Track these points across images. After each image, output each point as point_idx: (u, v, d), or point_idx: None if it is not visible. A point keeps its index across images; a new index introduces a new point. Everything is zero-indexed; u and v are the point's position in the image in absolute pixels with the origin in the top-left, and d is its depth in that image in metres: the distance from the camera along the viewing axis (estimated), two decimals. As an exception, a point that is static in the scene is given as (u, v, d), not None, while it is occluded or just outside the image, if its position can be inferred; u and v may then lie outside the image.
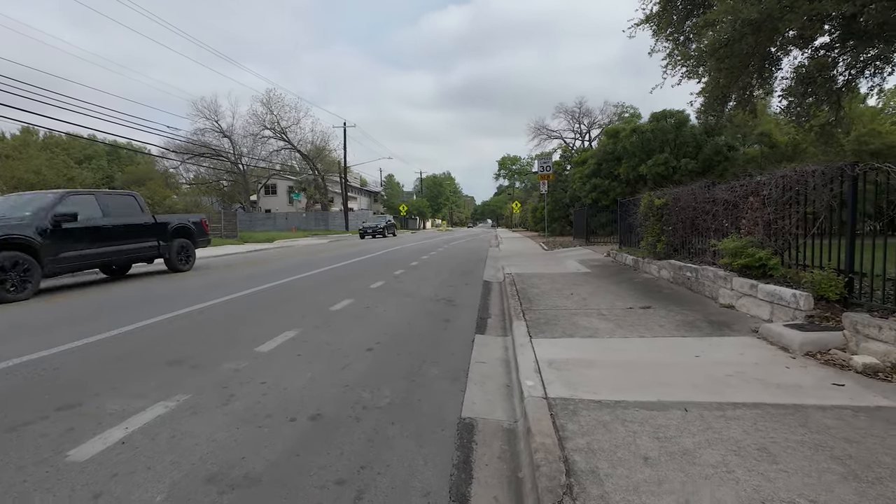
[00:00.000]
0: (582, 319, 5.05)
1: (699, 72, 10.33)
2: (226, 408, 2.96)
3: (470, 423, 2.85)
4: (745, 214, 5.67)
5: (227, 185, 44.37)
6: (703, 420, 2.53)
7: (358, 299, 6.85)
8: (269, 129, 42.68)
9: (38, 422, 2.75)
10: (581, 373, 3.35)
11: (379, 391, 3.30)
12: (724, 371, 3.28)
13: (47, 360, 3.96)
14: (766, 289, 4.69)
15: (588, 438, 2.36)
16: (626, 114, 38.52)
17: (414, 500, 2.07)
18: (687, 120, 19.03)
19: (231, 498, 2.04)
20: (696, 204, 7.21)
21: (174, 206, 20.94)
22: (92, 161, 40.55)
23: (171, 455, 2.38)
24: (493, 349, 4.47)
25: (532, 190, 55.41)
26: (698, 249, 7.21)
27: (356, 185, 59.65)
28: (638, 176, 18.80)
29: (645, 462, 2.12)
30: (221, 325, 5.25)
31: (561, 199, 26.51)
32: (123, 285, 8.84)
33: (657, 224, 8.39)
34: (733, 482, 1.94)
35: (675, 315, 5.14)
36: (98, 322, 5.38)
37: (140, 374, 3.59)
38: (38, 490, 2.07)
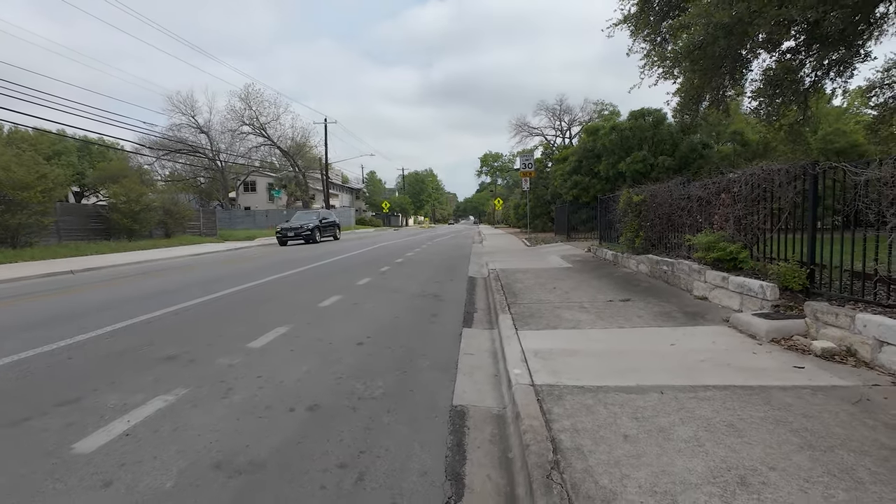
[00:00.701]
0: (565, 312, 5.26)
1: (674, 73, 10.68)
2: (225, 400, 3.05)
3: (461, 410, 3.01)
4: (717, 210, 5.97)
5: (205, 181, 43.42)
6: (678, 401, 2.74)
7: (346, 296, 6.93)
8: (248, 124, 41.92)
9: (38, 417, 2.79)
10: (565, 361, 3.54)
11: (372, 382, 3.42)
12: (698, 357, 3.51)
13: (41, 357, 3.95)
14: (736, 280, 4.98)
15: (573, 420, 2.54)
16: (606, 111, 39.22)
17: (412, 479, 2.21)
18: (664, 118, 19.56)
19: (239, 482, 2.15)
20: (673, 200, 7.51)
21: (151, 203, 20.45)
22: (62, 157, 39.09)
23: (175, 445, 2.47)
24: (480, 341, 4.63)
25: (514, 187, 55.92)
26: (674, 244, 7.52)
27: (338, 181, 59.14)
28: (617, 173, 19.25)
29: (625, 439, 2.31)
30: (212, 322, 5.27)
31: (543, 195, 26.90)
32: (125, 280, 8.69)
33: (636, 220, 8.69)
34: (703, 454, 2.14)
35: (652, 307, 5.39)
36: (89, 319, 5.34)
37: (136, 369, 3.63)
38: (48, 480, 2.14)
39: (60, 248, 14.46)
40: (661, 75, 10.95)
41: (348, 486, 2.14)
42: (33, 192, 14.05)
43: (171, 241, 20.06)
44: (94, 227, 18.41)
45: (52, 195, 15.43)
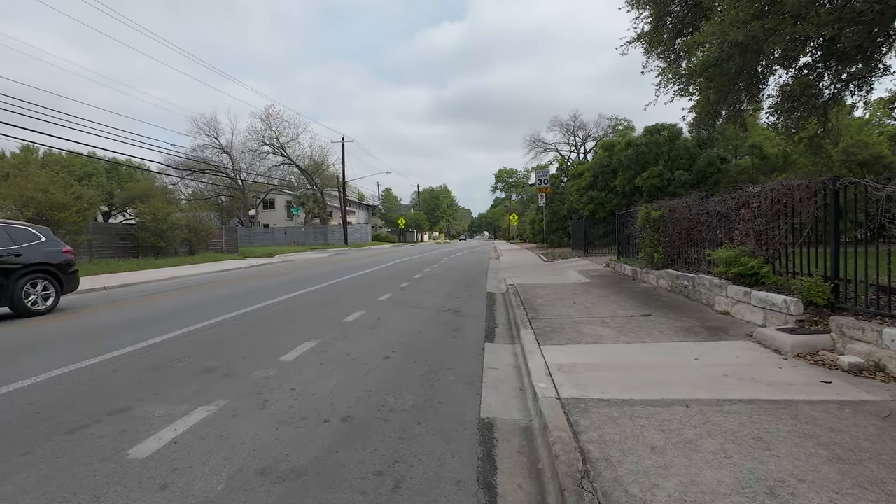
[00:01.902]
0: (586, 327, 5.31)
1: (690, 90, 10.78)
2: (263, 411, 3.20)
3: (489, 422, 3.10)
4: (737, 225, 5.99)
5: (226, 200, 44.66)
6: (703, 414, 2.78)
7: (369, 311, 7.09)
8: (268, 144, 43.19)
9: (93, 425, 2.97)
10: (589, 375, 3.61)
11: (401, 395, 3.54)
12: (721, 372, 3.54)
13: (88, 370, 4.18)
14: (758, 295, 4.98)
15: (600, 432, 2.61)
16: (621, 126, 39.27)
17: (446, 487, 2.31)
18: (680, 133, 19.56)
19: (283, 487, 2.28)
20: (691, 216, 7.53)
21: (177, 221, 21.15)
22: (92, 178, 40.71)
23: (222, 452, 2.61)
24: (502, 356, 4.71)
25: (529, 202, 56.00)
26: (694, 259, 7.51)
27: (354, 199, 60.09)
28: (634, 188, 19.23)
29: (652, 450, 2.38)
30: (244, 337, 5.47)
31: (558, 210, 26.93)
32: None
33: (654, 235, 8.71)
34: (731, 465, 2.19)
35: (673, 322, 5.41)
36: (128, 334, 5.59)
37: (178, 381, 3.82)
38: (109, 483, 2.30)
39: (92, 266, 15.04)
40: (676, 92, 11.05)
41: (386, 492, 2.25)
42: (69, 212, 14.74)
43: (195, 258, 20.65)
44: (122, 245, 19.10)
45: (87, 215, 16.14)
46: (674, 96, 11.15)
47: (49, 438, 2.80)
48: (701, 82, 10.15)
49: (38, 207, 14.13)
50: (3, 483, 2.32)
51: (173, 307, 7.88)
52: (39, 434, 2.87)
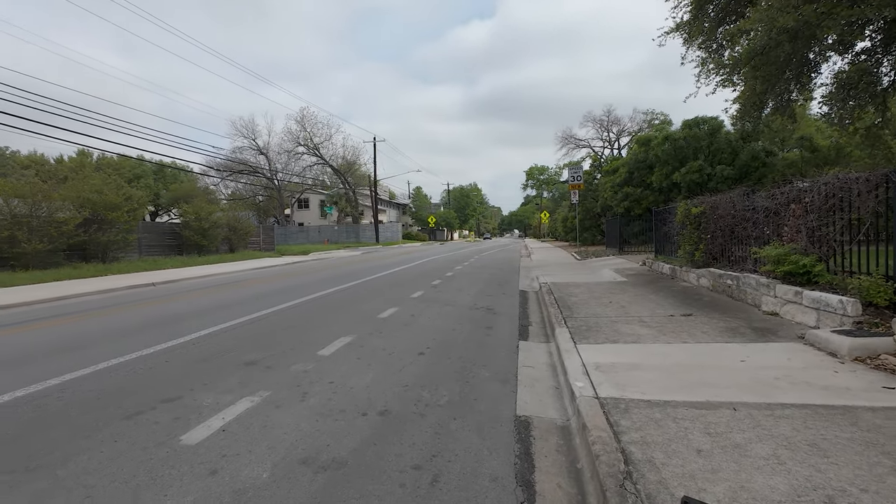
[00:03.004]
0: (623, 326, 5.18)
1: (734, 80, 10.28)
2: (303, 403, 3.29)
3: (525, 420, 3.07)
4: (787, 222, 5.68)
5: (263, 199, 46.19)
6: (752, 418, 2.66)
7: (402, 308, 7.17)
8: (303, 145, 44.33)
9: (149, 412, 3.15)
10: (628, 375, 3.52)
11: (437, 391, 3.56)
12: (771, 374, 3.37)
13: (142, 360, 4.42)
14: (811, 295, 4.71)
15: (642, 433, 2.55)
16: (657, 121, 37.97)
17: (484, 483, 2.31)
18: (721, 126, 18.72)
19: (325, 477, 2.34)
20: (736, 212, 7.20)
21: (218, 220, 22.03)
22: (140, 180, 43.03)
23: (265, 441, 2.71)
24: (537, 354, 4.66)
25: (560, 199, 55.04)
26: (738, 257, 7.19)
27: (385, 197, 60.84)
28: (671, 184, 18.57)
29: (698, 454, 2.29)
30: (284, 331, 5.65)
31: (592, 208, 26.35)
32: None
33: (695, 232, 8.39)
34: (785, 472, 2.09)
35: (717, 322, 5.20)
36: (176, 327, 5.89)
37: (223, 372, 3.99)
38: (164, 467, 2.43)
39: (141, 263, 15.89)
40: (719, 83, 10.57)
41: (425, 486, 2.27)
42: (121, 213, 15.61)
43: (234, 255, 21.46)
44: (168, 243, 20.07)
45: (136, 214, 17.05)
46: (716, 87, 10.67)
47: (109, 423, 2.99)
48: (746, 72, 9.66)
49: (93, 208, 15.04)
50: (68, 464, 2.49)
51: (216, 302, 8.22)
52: (100, 419, 3.06)
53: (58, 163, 41.15)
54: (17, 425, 3.00)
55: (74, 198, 14.74)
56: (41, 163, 40.88)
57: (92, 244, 15.17)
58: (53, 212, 13.85)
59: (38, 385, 3.75)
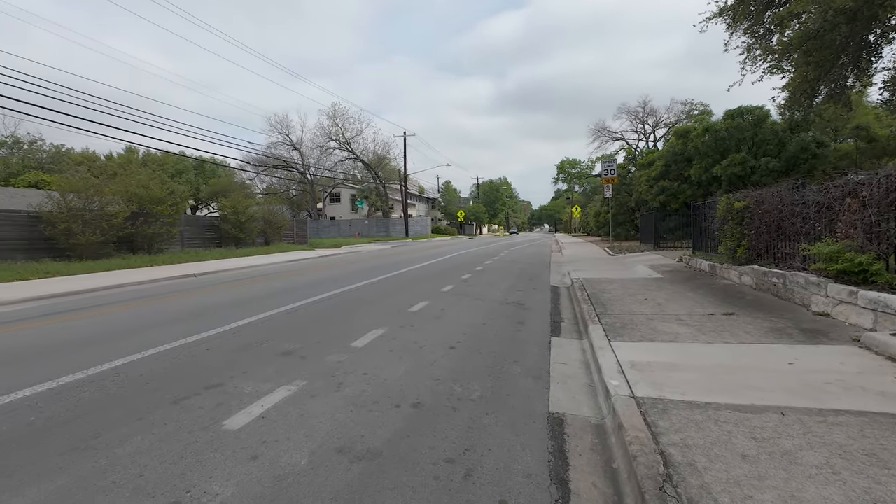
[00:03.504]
0: (660, 324, 5.03)
1: (783, 67, 9.71)
2: (338, 394, 3.37)
3: (559, 417, 3.03)
4: (841, 217, 5.34)
5: (296, 194, 47.35)
6: (803, 424, 2.53)
7: (432, 302, 7.21)
8: (335, 140, 45.07)
9: (193, 397, 3.30)
10: (666, 375, 3.41)
11: (468, 385, 3.56)
12: (823, 378, 3.19)
13: (185, 348, 4.64)
14: (868, 296, 4.42)
15: (682, 435, 2.46)
16: (696, 111, 36.44)
17: (517, 479, 2.30)
18: (767, 116, 17.78)
19: (360, 467, 2.38)
20: (783, 206, 6.83)
21: (254, 214, 22.75)
22: (182, 175, 44.90)
23: (302, 429, 2.79)
24: (569, 351, 4.59)
25: (592, 194, 53.82)
26: (785, 254, 6.82)
27: (415, 192, 61.16)
28: (711, 177, 17.82)
29: (743, 459, 2.20)
30: (317, 322, 5.79)
31: (625, 202, 25.63)
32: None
33: (737, 228, 8.02)
34: (840, 483, 1.97)
35: (761, 322, 4.96)
36: (216, 317, 6.14)
37: (261, 361, 4.14)
38: (208, 451, 2.54)
39: (183, 254, 16.62)
40: (766, 70, 10.03)
41: (458, 480, 2.28)
42: (165, 206, 16.37)
43: (270, 248, 22.14)
44: (208, 236, 20.90)
45: (179, 208, 17.83)
46: (763, 75, 10.13)
47: (159, 407, 3.15)
48: (797, 57, 9.12)
49: (139, 202, 15.83)
50: (124, 443, 2.65)
51: (252, 293, 8.51)
52: (151, 402, 3.23)
53: (107, 159, 43.47)
54: (79, 405, 3.21)
55: (123, 192, 15.55)
56: (93, 159, 43.30)
57: (139, 236, 15.98)
58: (104, 205, 14.66)
59: (95, 368, 3.99)
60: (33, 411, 3.11)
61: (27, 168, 33.86)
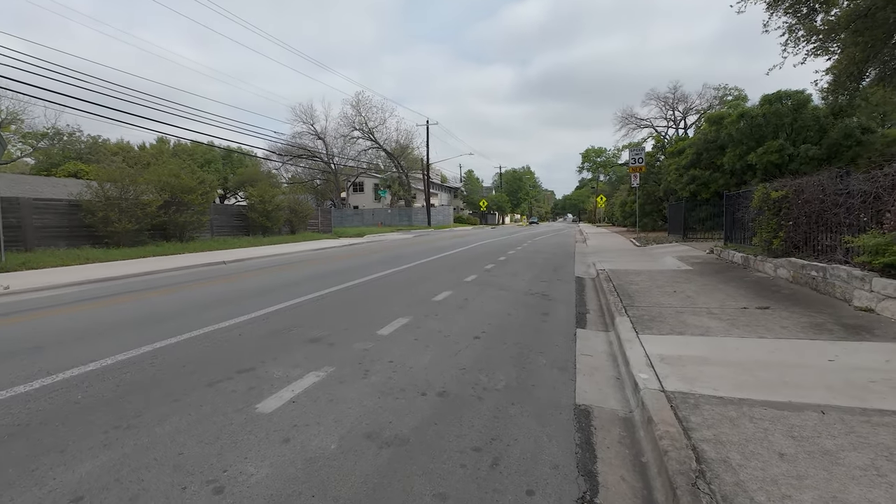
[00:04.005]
0: (690, 318, 4.90)
1: (828, 48, 9.17)
2: (365, 381, 3.42)
3: (585, 409, 3.01)
4: (889, 207, 5.06)
5: (320, 183, 47.96)
6: (845, 423, 2.43)
7: (456, 291, 7.22)
8: (358, 129, 45.31)
9: (226, 381, 3.41)
10: (697, 369, 3.33)
11: (494, 375, 3.56)
12: (867, 377, 3.06)
13: (218, 332, 4.80)
14: (916, 291, 4.19)
15: (714, 431, 2.41)
16: (730, 97, 34.90)
17: (544, 470, 2.29)
18: (808, 101, 16.88)
19: (389, 452, 2.42)
20: (825, 196, 6.51)
21: (280, 203, 23.20)
22: (211, 164, 46.11)
23: (332, 414, 2.85)
24: (595, 343, 4.53)
25: (618, 183, 52.57)
26: (825, 247, 6.52)
27: (437, 181, 61.07)
28: (745, 166, 17.11)
29: (781, 458, 2.13)
30: (344, 310, 5.89)
31: (653, 192, 24.94)
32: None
33: (774, 219, 7.70)
34: (887, 486, 1.89)
35: (798, 317, 4.77)
36: (247, 304, 6.32)
37: (290, 348, 4.24)
38: (242, 432, 2.63)
39: (213, 242, 17.12)
40: (809, 52, 9.49)
41: (485, 468, 2.29)
42: (195, 195, 16.84)
43: (295, 237, 22.57)
44: (236, 225, 21.44)
45: (209, 197, 18.33)
46: (806, 57, 9.60)
47: (195, 389, 3.28)
48: (844, 38, 8.59)
49: (171, 191, 16.34)
50: (164, 423, 2.77)
51: (280, 281, 8.71)
52: (187, 385, 3.36)
53: (141, 149, 44.97)
54: (121, 386, 3.36)
55: (156, 181, 16.07)
56: (127, 150, 44.88)
57: (171, 224, 16.52)
58: (139, 194, 15.19)
59: (135, 351, 4.18)
60: (80, 390, 3.29)
61: (67, 158, 35.38)
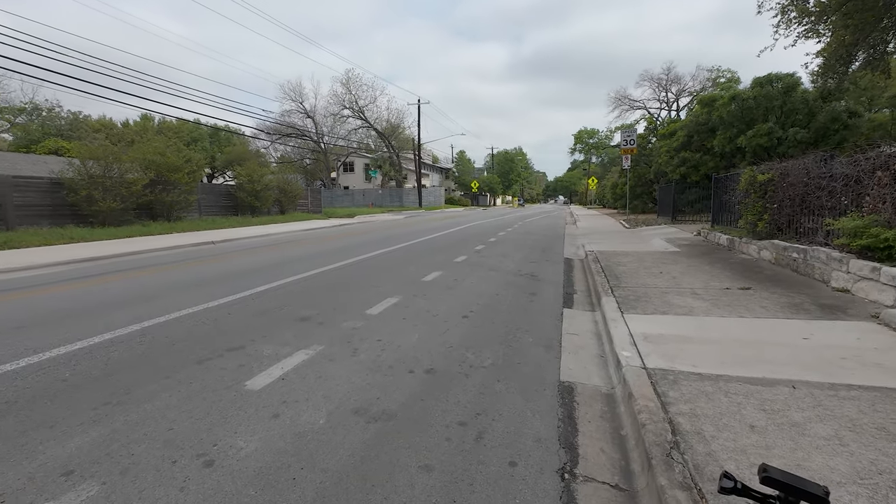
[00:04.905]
0: (674, 298, 5.01)
1: (819, 30, 9.16)
2: (354, 358, 3.47)
3: (569, 385, 3.09)
4: (869, 191, 5.16)
5: (310, 163, 47.29)
6: (814, 397, 2.54)
7: (446, 272, 7.27)
8: (348, 108, 44.52)
9: (216, 358, 3.44)
10: (678, 347, 3.43)
11: (481, 353, 3.64)
12: (838, 354, 3.18)
13: (208, 311, 4.80)
14: (891, 272, 4.32)
15: (691, 405, 2.50)
16: (723, 79, 34.76)
17: (527, 443, 2.38)
18: (798, 84, 16.90)
19: (376, 427, 2.49)
20: (809, 179, 6.61)
21: (269, 183, 22.88)
22: (198, 143, 45.11)
23: (321, 391, 2.91)
24: (581, 322, 4.63)
25: (610, 165, 52.59)
26: (807, 229, 6.65)
27: (428, 161, 60.54)
28: (735, 149, 17.20)
29: (751, 429, 2.23)
30: (333, 290, 5.91)
31: (644, 174, 25.03)
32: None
33: (759, 201, 7.81)
34: (848, 454, 2.00)
35: (778, 297, 4.91)
36: (237, 283, 6.31)
37: (280, 326, 4.27)
38: (232, 408, 2.67)
39: (201, 222, 16.91)
40: (801, 34, 9.49)
41: (470, 441, 2.37)
42: (182, 174, 16.53)
43: (285, 217, 22.36)
44: (224, 204, 21.16)
45: (196, 176, 18.00)
46: (797, 39, 9.60)
47: (184, 366, 3.30)
48: (835, 20, 8.58)
49: (157, 169, 16.01)
50: (153, 399, 2.80)
51: (270, 261, 8.68)
52: (177, 362, 3.38)
53: (124, 126, 43.79)
54: (109, 364, 3.37)
55: (141, 160, 15.71)
56: (110, 126, 43.65)
57: (158, 204, 16.25)
58: (123, 173, 14.86)
59: (123, 330, 4.17)
60: (67, 368, 3.29)
61: (46, 135, 34.36)
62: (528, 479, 2.07)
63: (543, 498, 1.95)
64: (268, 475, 2.06)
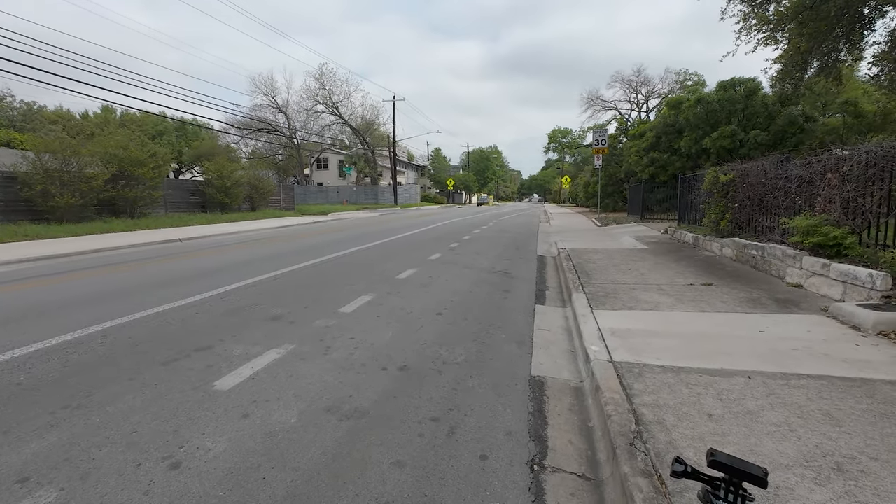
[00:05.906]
0: (642, 294, 5.18)
1: (777, 38, 9.61)
2: (326, 357, 3.45)
3: (540, 380, 3.17)
4: (821, 191, 5.46)
5: (283, 159, 46.28)
6: (767, 387, 2.69)
7: (420, 270, 7.28)
8: (322, 103, 43.74)
9: (183, 359, 3.35)
10: (644, 341, 3.55)
11: (454, 350, 3.67)
12: (790, 345, 3.37)
13: (174, 311, 4.66)
14: (839, 268, 4.60)
15: (654, 396, 2.61)
16: (690, 82, 35.97)
17: (498, 436, 2.42)
18: (758, 88, 17.69)
19: (348, 425, 2.48)
20: (767, 180, 6.94)
21: (240, 179, 22.29)
22: (163, 137, 43.43)
23: (292, 390, 2.88)
24: (553, 318, 4.73)
25: (583, 164, 53.59)
26: (766, 227, 6.99)
27: (404, 159, 60.22)
28: (700, 150, 17.86)
29: (709, 418, 2.35)
30: (306, 288, 5.83)
31: (615, 173, 25.65)
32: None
33: (722, 201, 8.15)
34: (795, 439, 2.13)
35: (738, 292, 5.14)
36: (204, 282, 6.13)
37: (250, 325, 4.19)
38: (200, 410, 2.62)
39: (168, 219, 16.34)
40: (760, 41, 9.91)
41: (442, 436, 2.40)
42: (146, 169, 15.92)
43: (256, 214, 21.85)
44: (192, 201, 20.50)
45: (161, 171, 17.37)
46: (757, 46, 10.02)
47: (149, 368, 3.20)
48: (791, 28, 9.02)
49: (120, 164, 15.36)
50: (116, 402, 2.70)
51: (240, 259, 8.48)
52: (141, 364, 3.28)
53: (83, 118, 41.71)
54: (68, 366, 3.24)
55: (101, 153, 15.05)
56: (67, 118, 41.49)
57: (120, 199, 15.61)
58: (83, 167, 14.20)
59: (83, 331, 4.01)
60: (22, 372, 3.14)
61: (-2, 126, 32.39)
62: (498, 472, 2.12)
63: (513, 489, 2.00)
64: (237, 475, 2.03)
